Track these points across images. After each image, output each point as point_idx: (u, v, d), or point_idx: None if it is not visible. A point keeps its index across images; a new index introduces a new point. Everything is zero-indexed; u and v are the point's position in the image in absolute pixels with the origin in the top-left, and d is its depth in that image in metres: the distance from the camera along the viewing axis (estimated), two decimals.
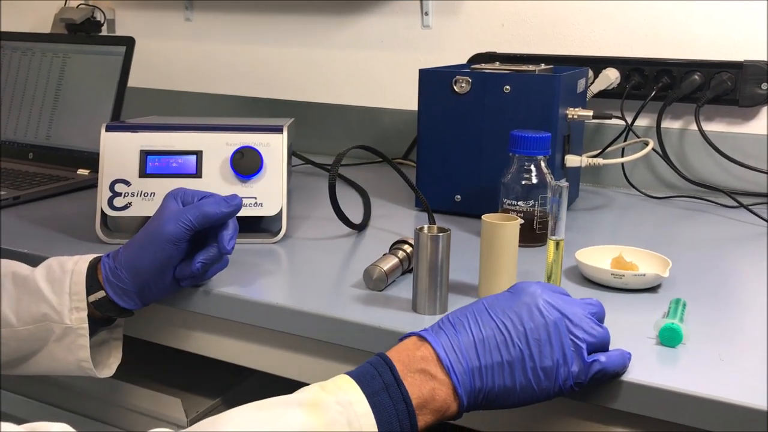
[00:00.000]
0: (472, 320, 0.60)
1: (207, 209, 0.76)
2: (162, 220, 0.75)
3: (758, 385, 0.61)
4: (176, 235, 0.75)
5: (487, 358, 0.59)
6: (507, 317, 0.60)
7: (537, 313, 0.60)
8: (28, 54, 1.43)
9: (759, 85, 1.20)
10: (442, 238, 0.73)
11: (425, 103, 1.09)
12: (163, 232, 0.75)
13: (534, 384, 0.59)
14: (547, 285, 0.64)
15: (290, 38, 1.61)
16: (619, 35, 1.31)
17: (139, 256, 0.76)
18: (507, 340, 0.59)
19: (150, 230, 0.76)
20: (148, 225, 0.77)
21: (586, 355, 0.60)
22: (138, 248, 0.76)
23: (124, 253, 0.76)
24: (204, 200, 0.77)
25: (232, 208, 0.77)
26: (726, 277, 0.88)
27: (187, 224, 0.75)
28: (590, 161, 1.10)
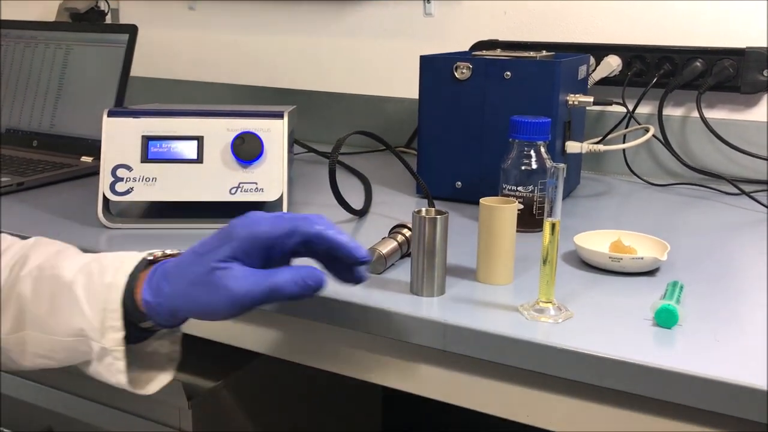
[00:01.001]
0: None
1: (282, 287, 0.63)
2: (226, 287, 0.63)
3: (753, 365, 0.61)
4: (240, 310, 0.64)
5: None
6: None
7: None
8: (31, 43, 1.44)
9: (761, 72, 1.20)
10: (440, 220, 0.74)
11: (426, 89, 1.09)
12: (227, 305, 0.63)
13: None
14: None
15: (293, 27, 1.62)
16: (620, 22, 1.31)
17: (189, 311, 0.65)
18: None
19: (208, 291, 0.63)
20: (205, 283, 0.63)
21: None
22: (190, 304, 0.65)
23: (171, 298, 0.65)
24: (278, 275, 0.63)
25: (310, 292, 0.64)
26: (725, 262, 0.88)
27: (257, 302, 0.63)
28: (591, 147, 1.10)
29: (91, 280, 0.68)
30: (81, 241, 0.90)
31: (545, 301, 0.71)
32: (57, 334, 0.69)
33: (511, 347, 0.67)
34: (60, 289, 0.69)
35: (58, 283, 0.69)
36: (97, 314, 0.67)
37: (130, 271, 0.67)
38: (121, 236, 0.94)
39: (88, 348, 0.68)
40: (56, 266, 0.70)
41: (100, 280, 0.67)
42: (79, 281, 0.68)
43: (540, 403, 0.70)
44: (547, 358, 0.66)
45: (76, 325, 0.68)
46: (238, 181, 0.96)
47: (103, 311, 0.67)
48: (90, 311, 0.67)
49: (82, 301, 0.67)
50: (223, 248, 0.63)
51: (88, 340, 0.68)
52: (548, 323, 0.69)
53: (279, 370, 1.07)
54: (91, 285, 0.68)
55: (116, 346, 0.67)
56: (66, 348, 0.69)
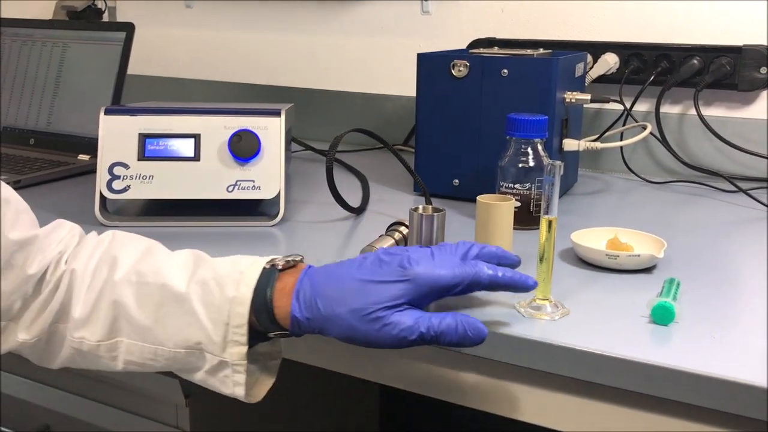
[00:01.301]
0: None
1: (444, 334, 0.62)
2: (384, 331, 0.62)
3: (750, 362, 0.61)
4: (396, 347, 0.64)
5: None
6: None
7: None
8: (28, 41, 1.44)
9: (758, 70, 1.20)
10: (437, 217, 0.74)
11: (423, 87, 1.09)
12: (386, 344, 0.63)
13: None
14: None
15: (290, 25, 1.62)
16: (618, 20, 1.31)
17: (340, 336, 0.64)
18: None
19: (370, 330, 0.63)
20: (370, 321, 0.62)
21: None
22: (346, 334, 0.64)
23: (322, 323, 0.64)
24: (443, 322, 0.62)
25: (468, 343, 0.63)
26: (722, 259, 0.88)
27: (412, 345, 0.63)
28: (588, 145, 1.10)
29: (208, 291, 0.66)
30: None
31: (542, 299, 0.71)
32: (164, 345, 0.67)
33: (508, 344, 0.67)
34: (171, 300, 0.67)
35: (168, 294, 0.67)
36: (218, 328, 0.65)
37: (254, 284, 0.66)
38: None
39: (199, 360, 0.67)
40: (160, 273, 0.68)
41: (221, 293, 0.66)
42: (194, 293, 0.66)
43: (537, 401, 0.70)
44: (543, 355, 0.66)
45: (192, 338, 0.66)
46: (236, 179, 0.96)
47: (225, 326, 0.65)
48: (210, 325, 0.66)
49: (200, 314, 0.66)
50: (398, 287, 0.63)
51: (204, 353, 0.67)
52: (545, 320, 0.69)
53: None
54: (210, 298, 0.66)
55: (239, 360, 0.66)
56: (171, 358, 0.68)
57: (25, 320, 0.69)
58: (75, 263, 0.70)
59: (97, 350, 0.69)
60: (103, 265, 0.70)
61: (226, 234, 0.95)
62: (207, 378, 0.68)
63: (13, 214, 0.68)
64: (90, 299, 0.69)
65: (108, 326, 0.68)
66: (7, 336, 0.70)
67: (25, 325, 0.69)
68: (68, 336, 0.70)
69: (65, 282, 0.69)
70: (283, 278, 0.66)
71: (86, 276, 0.69)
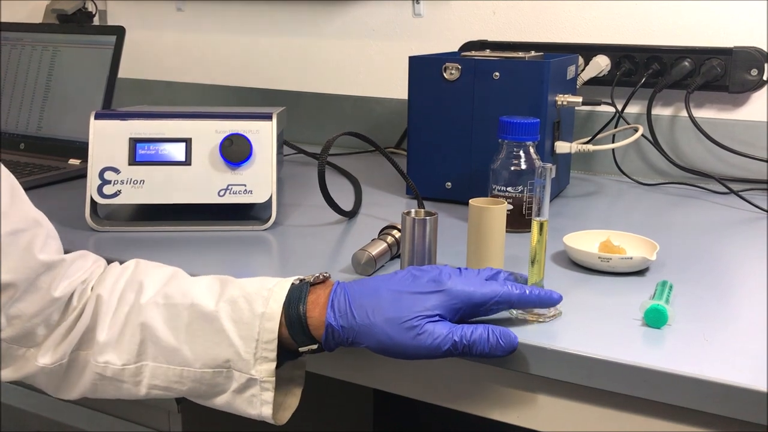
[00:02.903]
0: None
1: (475, 345, 0.64)
2: (418, 341, 0.63)
3: (742, 365, 0.61)
4: (429, 357, 0.65)
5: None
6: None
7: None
8: (18, 44, 1.43)
9: (749, 71, 1.21)
10: (429, 221, 0.74)
11: (415, 90, 1.09)
12: (416, 354, 0.64)
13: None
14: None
15: (281, 28, 1.61)
16: (609, 22, 1.31)
17: (375, 348, 0.65)
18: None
19: (396, 344, 0.64)
20: (397, 331, 0.63)
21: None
22: (380, 345, 0.64)
23: (358, 333, 0.65)
24: (475, 333, 0.64)
25: (500, 352, 0.65)
26: (714, 261, 0.88)
27: (444, 356, 0.64)
28: (580, 147, 1.10)
29: (238, 309, 0.67)
30: (69, 245, 0.89)
31: None
32: (191, 365, 0.67)
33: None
34: (201, 319, 0.67)
35: (197, 313, 0.67)
36: (249, 345, 0.66)
37: (283, 299, 0.66)
38: (110, 239, 0.94)
39: (225, 380, 0.67)
40: (187, 294, 0.69)
41: (250, 310, 0.66)
42: (223, 311, 0.67)
43: (529, 404, 0.69)
44: (535, 358, 0.65)
45: (222, 356, 0.67)
46: (227, 183, 0.96)
47: (255, 342, 0.66)
48: (240, 342, 0.66)
49: (230, 332, 0.66)
50: (433, 298, 0.64)
51: (232, 371, 0.67)
52: (536, 322, 0.69)
53: None
54: (240, 315, 0.66)
55: (267, 377, 0.66)
56: (197, 379, 0.68)
57: (48, 345, 0.69)
58: (100, 289, 0.70)
59: (121, 375, 0.69)
60: (129, 290, 0.70)
61: (218, 238, 0.95)
62: (233, 399, 0.68)
63: (43, 238, 0.68)
64: (116, 323, 0.69)
65: (135, 349, 0.68)
66: (26, 362, 0.70)
67: (48, 349, 0.69)
68: (91, 361, 0.69)
69: (90, 307, 0.69)
70: (316, 291, 0.67)
71: (112, 301, 0.69)
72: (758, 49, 1.20)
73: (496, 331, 0.64)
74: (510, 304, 0.67)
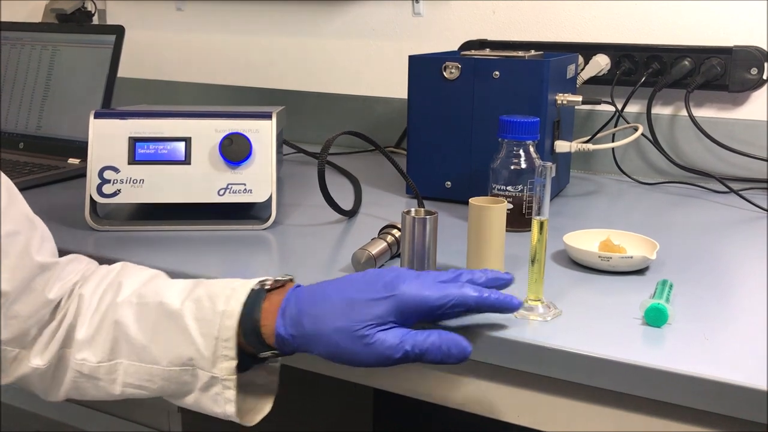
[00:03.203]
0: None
1: (427, 352, 0.62)
2: (368, 350, 0.62)
3: (742, 364, 0.61)
4: (381, 365, 0.64)
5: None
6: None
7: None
8: (17, 44, 1.43)
9: (748, 70, 1.21)
10: (429, 220, 0.73)
11: (415, 89, 1.09)
12: (370, 362, 0.63)
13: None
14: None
15: (281, 27, 1.61)
16: (609, 21, 1.31)
17: (327, 354, 0.64)
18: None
19: (353, 349, 0.63)
20: (353, 340, 0.62)
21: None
22: (329, 350, 0.63)
23: (308, 339, 0.64)
24: (427, 340, 0.62)
25: (452, 361, 0.63)
26: (714, 260, 0.88)
27: (397, 363, 0.63)
28: (580, 146, 1.10)
29: (201, 307, 0.67)
30: (69, 244, 0.90)
31: (534, 299, 0.71)
32: (158, 363, 0.68)
33: (500, 346, 0.67)
34: (166, 317, 0.68)
35: (164, 311, 0.68)
36: (209, 343, 0.66)
37: (244, 299, 0.66)
38: (109, 239, 0.93)
39: (192, 378, 0.68)
40: (159, 293, 0.69)
41: (212, 308, 0.66)
42: (188, 309, 0.67)
43: (530, 403, 0.69)
44: (536, 356, 0.65)
45: (185, 354, 0.67)
46: (227, 182, 0.96)
47: (215, 340, 0.66)
48: (201, 340, 0.66)
49: (192, 329, 0.66)
50: (384, 304, 0.62)
51: (196, 369, 0.67)
52: (537, 321, 0.69)
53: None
54: (202, 313, 0.67)
55: (228, 375, 0.66)
56: (166, 377, 0.68)
57: (39, 346, 0.70)
58: (83, 289, 0.71)
59: (97, 372, 0.70)
60: (109, 290, 0.71)
61: (217, 238, 0.95)
62: (200, 398, 0.68)
63: (39, 239, 0.70)
64: (94, 321, 0.70)
65: (108, 347, 0.69)
66: (18, 364, 0.71)
67: (39, 350, 0.70)
68: (71, 359, 0.70)
69: (73, 307, 0.71)
70: (271, 297, 0.67)
71: (93, 300, 0.71)
72: (758, 48, 1.20)
73: (449, 340, 0.62)
74: (467, 307, 0.64)
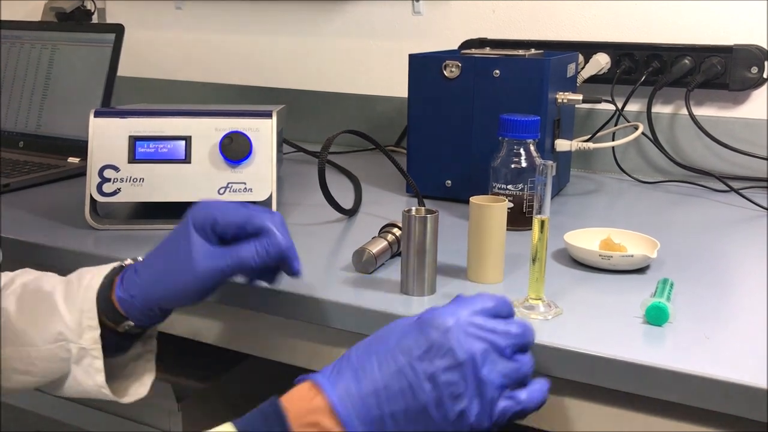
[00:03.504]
0: (376, 362, 0.55)
1: (246, 259, 0.66)
2: (192, 262, 0.66)
3: (743, 363, 0.61)
4: (209, 287, 0.67)
5: (391, 405, 0.53)
6: (415, 358, 0.54)
7: (448, 354, 0.54)
8: (17, 43, 1.43)
9: (749, 69, 1.21)
10: (430, 219, 0.73)
11: (415, 88, 1.09)
12: (193, 283, 0.66)
13: (442, 429, 0.54)
14: (465, 309, 0.57)
15: (281, 26, 1.61)
16: (609, 20, 1.31)
17: (163, 298, 0.68)
18: (413, 385, 0.54)
19: (176, 272, 0.67)
20: (172, 263, 0.67)
21: (498, 398, 0.56)
22: (161, 291, 0.68)
23: (143, 288, 0.68)
24: (243, 246, 0.66)
25: (275, 261, 0.67)
26: (715, 259, 0.88)
27: (222, 274, 0.66)
28: (580, 145, 1.10)
29: (70, 287, 0.71)
30: (68, 243, 0.90)
31: (535, 298, 0.70)
32: (36, 345, 0.70)
33: None
34: (41, 299, 0.71)
35: (39, 294, 0.72)
36: (74, 316, 0.69)
37: (106, 273, 0.71)
38: (109, 237, 0.93)
39: (66, 353, 0.70)
40: (39, 280, 0.74)
41: (78, 285, 0.70)
42: (58, 289, 0.71)
43: None
44: (536, 355, 0.65)
45: (55, 329, 0.70)
46: (227, 181, 0.96)
47: (80, 312, 0.69)
48: (68, 314, 0.70)
49: (61, 306, 0.70)
50: (182, 227, 0.68)
51: (68, 343, 0.70)
52: (538, 320, 0.69)
53: (268, 372, 1.07)
54: (70, 291, 0.71)
55: (93, 345, 0.69)
56: (45, 357, 0.70)
57: None
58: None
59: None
60: (7, 286, 0.74)
61: None
62: (76, 374, 0.70)
63: None
64: None
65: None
66: None
67: None
68: None
69: None
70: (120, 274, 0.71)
71: None
72: (758, 47, 1.20)
73: (263, 241, 0.66)
74: (260, 231, 0.67)
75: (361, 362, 0.55)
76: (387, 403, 0.54)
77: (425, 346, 0.55)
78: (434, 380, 0.54)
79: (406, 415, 0.54)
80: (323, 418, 0.53)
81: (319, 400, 0.54)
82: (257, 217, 0.68)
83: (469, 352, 0.55)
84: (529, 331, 0.60)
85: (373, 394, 0.54)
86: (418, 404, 0.54)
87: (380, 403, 0.54)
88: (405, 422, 0.54)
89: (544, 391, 0.59)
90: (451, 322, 0.56)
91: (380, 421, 0.54)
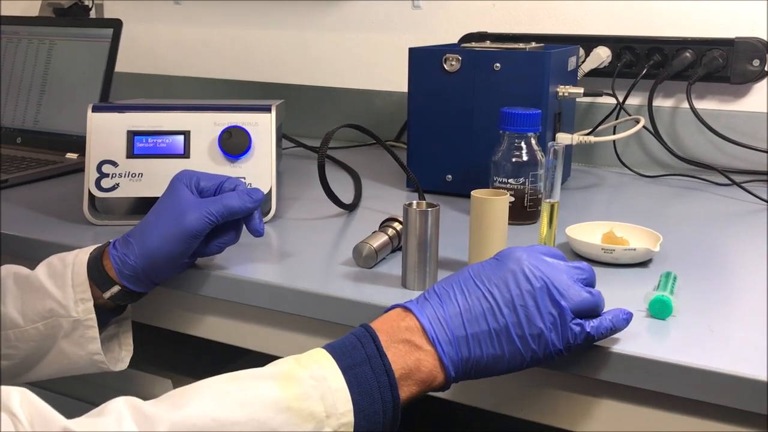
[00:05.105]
0: (458, 289, 0.60)
1: (231, 204, 0.74)
2: (181, 211, 0.73)
3: (747, 355, 0.61)
4: (199, 230, 0.73)
5: (474, 326, 0.58)
6: (493, 285, 0.59)
7: (523, 280, 0.59)
8: (14, 38, 1.42)
9: (750, 62, 1.20)
10: (431, 213, 0.73)
11: (415, 81, 1.08)
12: (186, 227, 0.72)
13: (522, 351, 0.59)
14: (534, 250, 0.62)
15: (280, 21, 1.60)
16: (610, 13, 1.30)
17: (157, 247, 0.73)
18: (493, 308, 0.59)
19: (169, 221, 0.73)
20: (165, 214, 0.74)
21: (570, 321, 0.59)
22: (156, 239, 0.73)
23: (138, 243, 0.74)
24: (227, 194, 0.75)
25: (255, 204, 0.76)
26: (717, 252, 0.88)
27: (211, 219, 0.73)
28: (581, 139, 1.09)
29: (52, 267, 0.75)
30: (67, 238, 0.89)
31: None
32: (19, 326, 0.73)
33: None
34: (20, 283, 0.75)
35: (20, 279, 0.75)
36: (66, 292, 0.73)
37: (90, 251, 0.75)
38: (108, 233, 0.93)
39: (55, 329, 0.74)
40: (10, 268, 0.76)
41: (62, 264, 0.74)
42: (40, 271, 0.75)
43: (533, 396, 0.69)
44: None
45: (45, 307, 0.73)
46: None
47: (71, 288, 0.73)
48: (57, 291, 0.73)
49: (47, 285, 0.74)
50: (169, 188, 0.76)
51: (58, 319, 0.73)
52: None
53: None
54: (53, 270, 0.74)
55: (88, 315, 0.73)
56: (29, 338, 0.73)
57: None
58: None
59: None
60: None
61: None
62: (65, 345, 0.74)
63: None
64: None
65: None
66: None
67: None
68: None
69: None
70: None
71: None
72: (760, 40, 1.20)
73: (239, 191, 0.75)
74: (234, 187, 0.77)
75: (445, 290, 0.60)
76: (469, 324, 0.59)
77: (502, 275, 0.60)
78: (512, 305, 0.59)
79: (488, 336, 0.58)
80: (415, 337, 0.58)
81: (409, 320, 0.59)
82: (233, 178, 0.78)
83: (542, 279, 0.59)
84: (593, 271, 0.64)
85: (457, 315, 0.59)
86: (498, 326, 0.58)
87: (464, 325, 0.59)
88: (486, 343, 0.59)
89: (620, 318, 0.62)
90: (526, 254, 0.61)
91: (465, 342, 0.58)
